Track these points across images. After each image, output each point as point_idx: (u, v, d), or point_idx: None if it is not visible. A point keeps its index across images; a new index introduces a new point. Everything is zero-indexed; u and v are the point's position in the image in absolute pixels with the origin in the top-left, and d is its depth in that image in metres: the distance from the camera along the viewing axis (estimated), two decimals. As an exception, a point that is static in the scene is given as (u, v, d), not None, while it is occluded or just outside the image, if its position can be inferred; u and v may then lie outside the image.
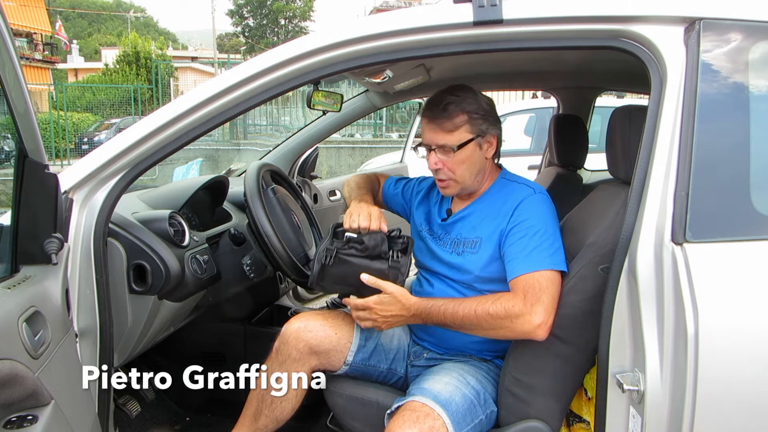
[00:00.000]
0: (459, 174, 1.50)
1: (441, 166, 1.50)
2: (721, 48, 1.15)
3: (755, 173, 1.13)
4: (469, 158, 1.49)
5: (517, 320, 1.32)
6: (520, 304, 1.33)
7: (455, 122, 1.47)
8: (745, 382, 1.06)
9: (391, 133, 13.72)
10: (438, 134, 1.49)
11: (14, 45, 1.01)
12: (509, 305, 1.34)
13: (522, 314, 1.32)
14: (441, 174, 1.52)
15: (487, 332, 1.39)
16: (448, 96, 1.48)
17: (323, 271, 1.46)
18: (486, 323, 1.36)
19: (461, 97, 1.48)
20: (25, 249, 1.16)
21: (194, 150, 9.86)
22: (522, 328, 1.33)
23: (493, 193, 1.56)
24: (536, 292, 1.33)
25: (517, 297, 1.35)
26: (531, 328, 1.32)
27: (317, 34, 1.29)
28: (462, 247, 1.54)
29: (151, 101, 14.78)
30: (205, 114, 1.32)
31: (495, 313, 1.34)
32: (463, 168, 1.50)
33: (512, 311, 1.33)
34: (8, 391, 0.99)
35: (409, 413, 1.32)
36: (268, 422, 1.61)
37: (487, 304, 1.36)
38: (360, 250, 1.44)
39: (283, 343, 1.59)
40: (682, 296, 1.05)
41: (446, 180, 1.52)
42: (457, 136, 1.47)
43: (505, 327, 1.34)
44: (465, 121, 1.47)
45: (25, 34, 23.02)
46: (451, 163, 1.49)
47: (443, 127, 1.48)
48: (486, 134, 1.51)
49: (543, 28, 1.22)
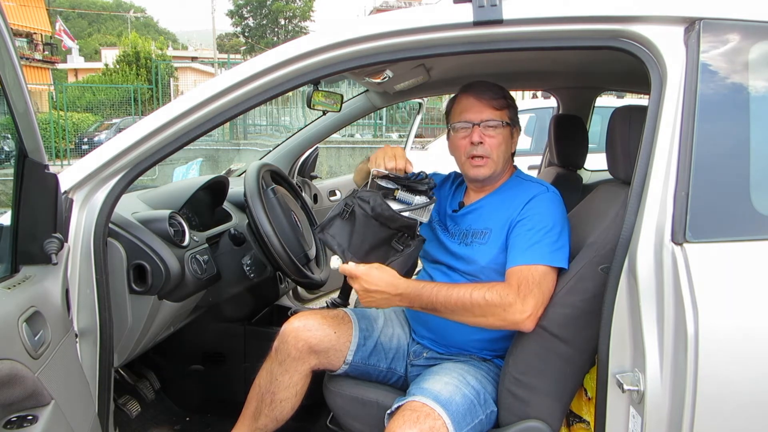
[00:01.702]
0: (496, 154, 1.54)
1: (484, 140, 1.53)
2: (721, 48, 1.15)
3: (755, 173, 1.13)
4: (505, 142, 1.56)
5: (508, 309, 1.34)
6: (513, 294, 1.35)
7: (501, 103, 1.55)
8: (745, 382, 1.06)
9: (391, 133, 13.72)
10: (486, 110, 1.54)
11: (14, 45, 1.01)
12: (504, 293, 1.35)
13: (513, 304, 1.34)
14: (480, 149, 1.53)
15: (477, 319, 1.38)
16: (491, 84, 1.57)
17: (332, 220, 1.46)
18: (478, 309, 1.36)
19: (502, 89, 1.57)
20: (25, 249, 1.16)
21: (194, 150, 9.86)
22: (512, 317, 1.34)
23: (506, 189, 1.59)
24: (529, 285, 1.35)
25: (511, 287, 1.36)
26: (521, 318, 1.34)
27: (317, 34, 1.29)
28: (471, 237, 1.56)
29: (151, 101, 14.77)
30: (205, 114, 1.32)
31: (491, 299, 1.35)
32: (500, 149, 1.55)
33: (506, 300, 1.34)
34: (8, 391, 0.99)
35: (409, 413, 1.32)
36: (267, 422, 1.61)
37: (483, 289, 1.37)
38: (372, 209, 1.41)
39: (282, 342, 1.60)
40: (682, 296, 1.05)
41: (484, 157, 1.54)
42: (502, 115, 1.54)
43: (496, 315, 1.35)
44: (506, 105, 1.56)
45: (25, 34, 23.03)
46: (493, 141, 1.53)
47: (492, 104, 1.54)
48: (516, 126, 1.59)
49: (543, 28, 1.22)
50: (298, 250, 1.91)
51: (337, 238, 1.46)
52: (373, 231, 1.43)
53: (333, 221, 1.46)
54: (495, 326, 1.40)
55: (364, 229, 1.43)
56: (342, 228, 1.46)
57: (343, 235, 1.45)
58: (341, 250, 1.44)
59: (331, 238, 1.47)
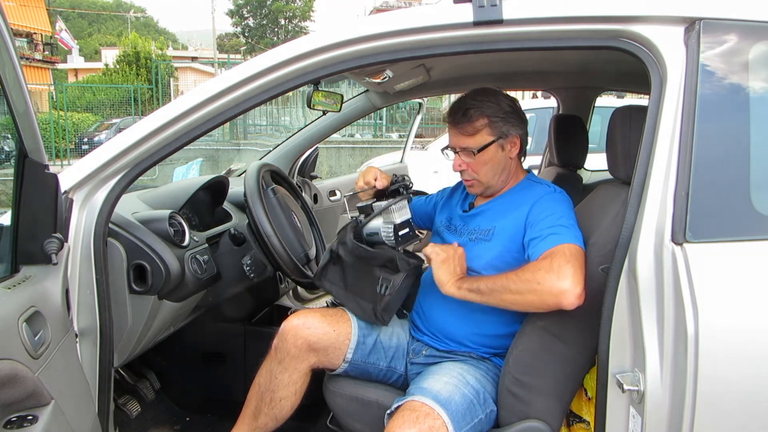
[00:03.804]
0: (482, 174, 1.57)
1: (465, 167, 1.58)
2: (721, 48, 1.15)
3: (755, 173, 1.13)
4: (492, 159, 1.56)
5: (544, 285, 1.26)
6: (546, 269, 1.27)
7: (475, 126, 1.53)
8: (745, 382, 1.06)
9: (391, 133, 13.73)
10: (460, 138, 1.56)
11: (14, 45, 1.01)
12: (540, 265, 1.29)
13: (550, 280, 1.25)
14: (465, 175, 1.60)
15: (514, 298, 1.32)
16: (468, 101, 1.55)
17: (325, 268, 1.64)
18: (522, 283, 1.29)
19: (480, 101, 1.54)
20: (25, 249, 1.16)
21: (194, 150, 9.85)
22: (550, 289, 1.25)
23: (516, 192, 1.61)
24: (562, 257, 1.28)
25: (545, 262, 1.30)
26: (557, 291, 1.24)
27: (317, 34, 1.29)
28: (476, 234, 1.58)
29: (151, 101, 14.77)
30: (205, 114, 1.32)
31: (529, 277, 1.28)
32: (486, 169, 1.56)
33: (541, 276, 1.26)
34: (8, 391, 0.99)
35: (408, 413, 1.32)
36: (267, 420, 1.61)
37: (527, 268, 1.32)
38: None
39: (281, 340, 1.60)
40: (682, 296, 1.05)
41: (471, 180, 1.60)
42: (478, 139, 1.54)
43: (534, 291, 1.28)
44: (485, 124, 1.53)
45: (25, 34, 23.02)
46: (475, 165, 1.56)
47: (464, 131, 1.54)
48: (508, 135, 1.56)
49: (543, 28, 1.22)
50: (298, 250, 1.91)
51: (334, 284, 1.65)
52: (361, 266, 1.60)
53: (326, 268, 1.65)
54: (534, 305, 1.31)
55: (352, 267, 1.61)
56: (335, 272, 1.65)
57: (338, 278, 1.65)
58: (344, 297, 1.63)
59: (329, 284, 1.66)
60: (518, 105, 1.60)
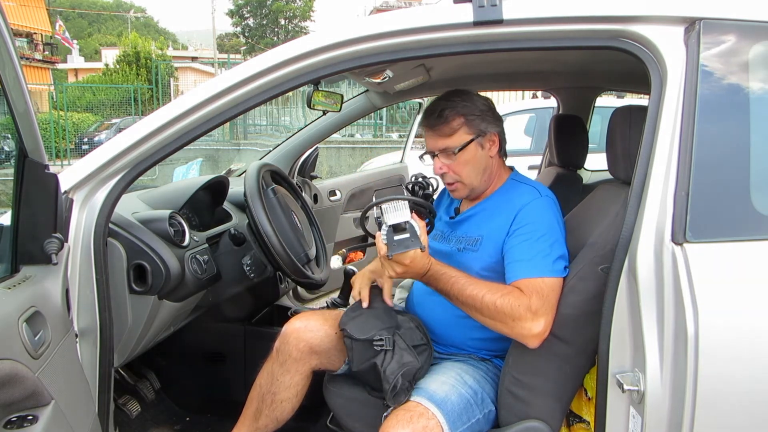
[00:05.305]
0: (465, 175, 1.52)
1: (446, 170, 1.53)
2: (721, 48, 1.15)
3: (755, 173, 1.13)
4: (473, 159, 1.51)
5: (517, 323, 1.30)
6: (524, 308, 1.30)
7: (452, 126, 1.50)
8: (745, 382, 1.06)
9: (391, 133, 13.72)
10: (438, 140, 1.52)
11: (14, 45, 1.01)
12: (516, 304, 1.31)
13: (523, 319, 1.30)
14: (447, 178, 1.55)
15: (484, 320, 1.36)
16: (442, 102, 1.52)
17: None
18: (487, 312, 1.33)
19: (454, 101, 1.51)
20: (25, 249, 1.16)
21: (194, 150, 9.85)
22: (519, 331, 1.31)
23: (501, 194, 1.57)
24: (542, 300, 1.31)
25: (522, 299, 1.31)
26: (528, 334, 1.30)
27: (317, 34, 1.29)
28: (464, 243, 1.55)
29: (151, 101, 14.78)
30: (205, 114, 1.32)
31: (501, 306, 1.31)
32: (467, 169, 1.52)
33: (516, 312, 1.30)
34: (8, 391, 0.99)
35: (403, 413, 1.33)
36: (268, 422, 1.61)
37: (497, 295, 1.33)
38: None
39: (283, 342, 1.60)
40: (682, 296, 1.05)
41: (454, 183, 1.55)
42: (457, 138, 1.50)
43: (505, 323, 1.32)
44: (462, 123, 1.50)
45: (25, 34, 23.01)
46: (455, 166, 1.52)
47: (441, 132, 1.50)
48: (486, 133, 1.52)
49: (543, 28, 1.22)
50: (298, 250, 1.91)
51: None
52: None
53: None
54: (501, 333, 1.36)
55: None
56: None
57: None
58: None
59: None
60: (492, 104, 1.57)
